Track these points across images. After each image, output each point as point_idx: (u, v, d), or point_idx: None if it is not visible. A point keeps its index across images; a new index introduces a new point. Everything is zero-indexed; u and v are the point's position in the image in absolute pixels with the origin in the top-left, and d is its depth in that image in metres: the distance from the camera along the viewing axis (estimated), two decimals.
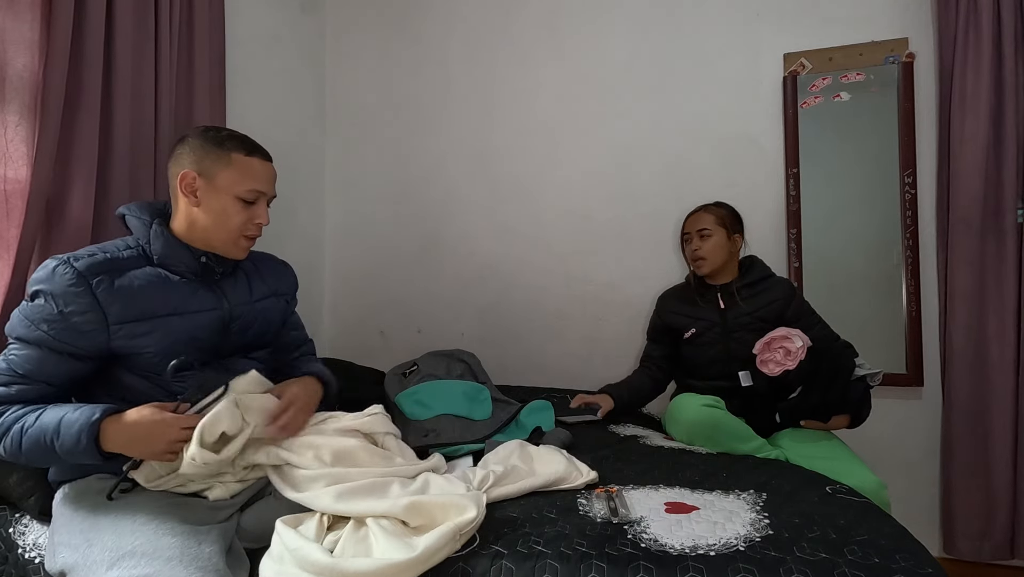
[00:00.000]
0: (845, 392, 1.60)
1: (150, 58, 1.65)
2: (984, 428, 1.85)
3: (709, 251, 1.77)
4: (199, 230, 1.16)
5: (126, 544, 0.91)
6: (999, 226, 1.84)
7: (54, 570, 0.97)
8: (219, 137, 1.18)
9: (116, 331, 1.06)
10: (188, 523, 0.97)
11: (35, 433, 0.99)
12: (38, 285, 1.04)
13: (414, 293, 2.52)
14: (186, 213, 1.17)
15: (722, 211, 1.83)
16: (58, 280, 1.03)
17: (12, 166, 1.38)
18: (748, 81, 2.15)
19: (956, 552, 1.89)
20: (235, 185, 1.16)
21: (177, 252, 1.15)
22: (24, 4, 1.39)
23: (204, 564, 0.89)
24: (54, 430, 0.98)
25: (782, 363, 1.61)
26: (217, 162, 1.15)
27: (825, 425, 1.62)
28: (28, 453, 0.99)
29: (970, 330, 1.86)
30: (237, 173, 1.16)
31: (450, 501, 0.99)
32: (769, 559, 0.89)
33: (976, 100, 1.83)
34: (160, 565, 0.87)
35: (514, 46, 2.41)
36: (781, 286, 1.79)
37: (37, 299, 1.04)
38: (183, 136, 1.20)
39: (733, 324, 1.74)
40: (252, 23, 2.19)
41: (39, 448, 0.99)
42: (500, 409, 1.73)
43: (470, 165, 2.46)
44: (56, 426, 0.98)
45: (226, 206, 1.16)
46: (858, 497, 1.15)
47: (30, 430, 0.99)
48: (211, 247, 1.18)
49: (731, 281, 1.80)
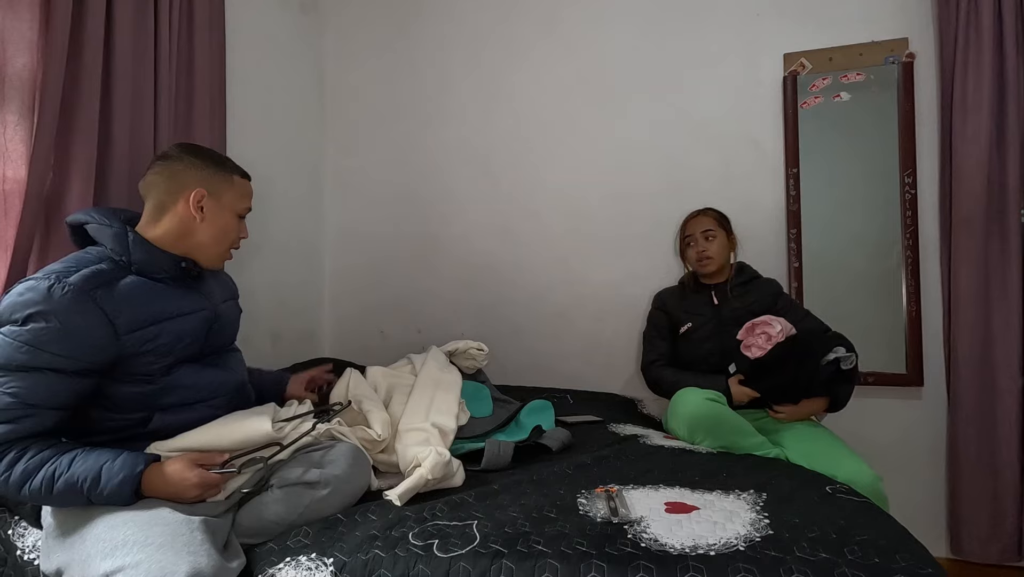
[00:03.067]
0: (814, 374, 1.63)
1: (150, 58, 1.64)
2: (990, 429, 1.84)
3: (716, 251, 1.88)
4: (193, 243, 1.21)
5: (119, 535, 0.91)
6: (1003, 226, 1.84)
7: (50, 570, 0.98)
8: (219, 159, 1.27)
9: (127, 340, 1.06)
10: (182, 512, 0.98)
11: (71, 480, 0.97)
12: (31, 308, 0.98)
13: (414, 293, 2.52)
14: (181, 226, 1.19)
15: (717, 214, 1.96)
16: (57, 299, 0.99)
17: (11, 166, 1.38)
18: (748, 81, 2.15)
19: (963, 553, 1.88)
20: (237, 203, 1.27)
21: (159, 259, 1.16)
22: (24, 4, 1.39)
23: (196, 549, 0.89)
24: (94, 478, 0.97)
25: (763, 348, 1.69)
26: (223, 182, 1.24)
27: (796, 408, 1.66)
28: (59, 497, 0.98)
29: (974, 331, 1.86)
30: (238, 193, 1.27)
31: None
32: (769, 559, 0.89)
33: (978, 99, 1.83)
34: (152, 552, 0.87)
35: (514, 46, 2.41)
36: (768, 284, 1.91)
37: (32, 323, 0.98)
38: (170, 154, 1.23)
39: (727, 319, 1.82)
40: (252, 23, 2.18)
41: (73, 494, 0.98)
42: (500, 408, 1.73)
43: (470, 165, 2.45)
44: (97, 474, 0.98)
45: (228, 222, 1.25)
46: (858, 497, 1.15)
47: (64, 476, 0.97)
48: (192, 256, 1.22)
49: (724, 281, 1.90)
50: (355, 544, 1.00)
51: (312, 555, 0.99)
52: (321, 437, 1.24)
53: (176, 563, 0.85)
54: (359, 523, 1.07)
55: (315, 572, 0.96)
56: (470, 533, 1.00)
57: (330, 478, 1.11)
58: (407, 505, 1.14)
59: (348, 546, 0.99)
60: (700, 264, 1.89)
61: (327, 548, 1.00)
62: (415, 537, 1.00)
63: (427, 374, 1.66)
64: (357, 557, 0.96)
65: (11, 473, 0.97)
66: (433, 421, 1.42)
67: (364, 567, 0.95)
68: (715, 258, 1.87)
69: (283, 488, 1.11)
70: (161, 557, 0.86)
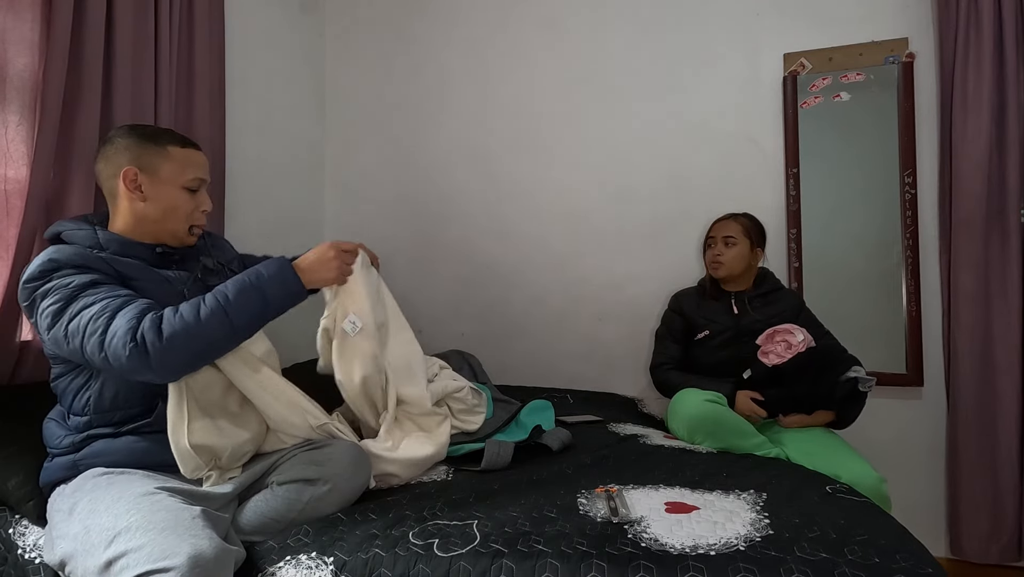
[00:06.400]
0: (832, 389, 1.62)
1: (150, 58, 1.65)
2: (990, 429, 1.84)
3: (729, 258, 1.83)
4: (149, 224, 1.20)
5: (121, 523, 0.92)
6: (1003, 226, 1.83)
7: (53, 561, 0.98)
8: (151, 132, 1.22)
9: (132, 286, 1.11)
10: (183, 501, 0.98)
11: (238, 284, 1.10)
12: (43, 266, 1.06)
13: (414, 293, 2.52)
14: (131, 210, 1.19)
15: (749, 223, 1.88)
16: (65, 255, 1.07)
17: (12, 166, 1.39)
18: (748, 81, 2.15)
19: (963, 553, 1.88)
20: (179, 176, 1.21)
21: (132, 248, 1.18)
22: (24, 4, 1.39)
23: (198, 532, 0.90)
24: (255, 275, 1.12)
25: (782, 356, 1.66)
26: (156, 156, 1.19)
27: (808, 417, 1.65)
28: (236, 303, 1.07)
29: (974, 331, 1.85)
30: (178, 164, 1.21)
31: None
32: (769, 559, 0.89)
33: (978, 99, 1.83)
34: (154, 535, 0.88)
35: (513, 45, 2.41)
36: (790, 297, 1.87)
37: (52, 272, 1.06)
38: (108, 137, 1.22)
39: (745, 330, 1.78)
40: (252, 23, 2.19)
41: (246, 294, 1.09)
42: (500, 409, 1.73)
43: (470, 165, 2.46)
44: (255, 275, 1.12)
45: (174, 197, 1.20)
46: (858, 497, 1.15)
47: (226, 290, 1.09)
48: (159, 239, 1.22)
49: (745, 290, 1.85)
50: (355, 543, 1.00)
51: (312, 554, 0.99)
52: (320, 435, 1.24)
53: (178, 545, 0.86)
54: (359, 522, 1.07)
55: (315, 571, 0.96)
56: (470, 533, 1.00)
57: (330, 475, 1.12)
58: (407, 505, 1.14)
59: (348, 545, 0.99)
60: (711, 267, 1.86)
61: (327, 547, 1.00)
62: (415, 536, 1.00)
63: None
64: (357, 556, 0.96)
65: (179, 313, 1.04)
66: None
67: (364, 566, 0.95)
68: (726, 265, 1.82)
69: (283, 485, 1.11)
70: (163, 540, 0.87)
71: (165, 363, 1.02)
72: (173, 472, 1.10)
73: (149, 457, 1.10)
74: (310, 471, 1.12)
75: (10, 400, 1.34)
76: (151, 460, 1.10)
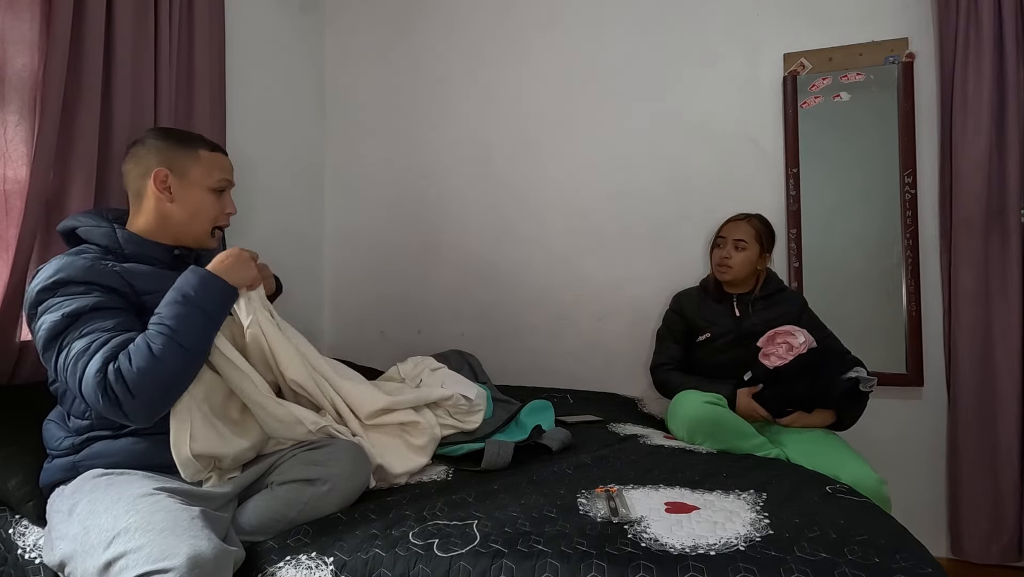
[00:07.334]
0: (831, 386, 1.62)
1: (150, 58, 1.65)
2: (990, 429, 1.84)
3: (738, 262, 1.82)
4: (173, 225, 1.22)
5: (120, 524, 0.92)
6: (1003, 226, 1.83)
7: (53, 562, 0.98)
8: (182, 136, 1.27)
9: (145, 300, 1.12)
10: (182, 502, 0.99)
11: (171, 317, 1.06)
12: (56, 276, 1.06)
13: (414, 293, 2.52)
14: (157, 211, 1.21)
15: (762, 226, 1.87)
16: (78, 266, 1.07)
17: (12, 166, 1.38)
18: (748, 81, 2.15)
19: (963, 553, 1.88)
20: (207, 178, 1.25)
21: (150, 248, 1.20)
22: (24, 4, 1.39)
23: (197, 533, 0.90)
24: (183, 294, 1.08)
25: (783, 357, 1.65)
26: (186, 159, 1.23)
27: (808, 417, 1.65)
28: (180, 325, 1.06)
29: (974, 331, 1.85)
30: (206, 167, 1.25)
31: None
32: (769, 559, 0.89)
33: (978, 99, 1.83)
34: (153, 536, 0.88)
35: (513, 45, 2.41)
36: (793, 299, 1.86)
37: (62, 286, 1.06)
38: (138, 139, 1.25)
39: (747, 333, 1.77)
40: (252, 23, 2.18)
41: (183, 313, 1.07)
42: (500, 409, 1.73)
43: (470, 165, 2.45)
44: (181, 292, 1.09)
45: (201, 199, 1.24)
46: (858, 497, 1.15)
47: (162, 319, 1.06)
48: (181, 241, 1.24)
49: (747, 292, 1.84)
50: (355, 543, 1.00)
51: (312, 554, 0.99)
52: (320, 435, 1.24)
53: (177, 546, 0.86)
54: (359, 522, 1.07)
55: (315, 571, 0.96)
56: (470, 533, 1.00)
57: (330, 475, 1.12)
58: (407, 505, 1.14)
59: (348, 545, 0.99)
60: (718, 269, 1.85)
61: (327, 547, 1.00)
62: (415, 536, 1.00)
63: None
64: (357, 556, 0.96)
65: (134, 359, 1.02)
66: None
67: (364, 566, 0.95)
68: (734, 268, 1.81)
69: (283, 485, 1.11)
70: (162, 541, 0.87)
71: (138, 413, 1.04)
72: (173, 473, 1.10)
73: (149, 458, 1.10)
74: (310, 471, 1.12)
75: (10, 400, 1.34)
76: (151, 461, 1.10)
